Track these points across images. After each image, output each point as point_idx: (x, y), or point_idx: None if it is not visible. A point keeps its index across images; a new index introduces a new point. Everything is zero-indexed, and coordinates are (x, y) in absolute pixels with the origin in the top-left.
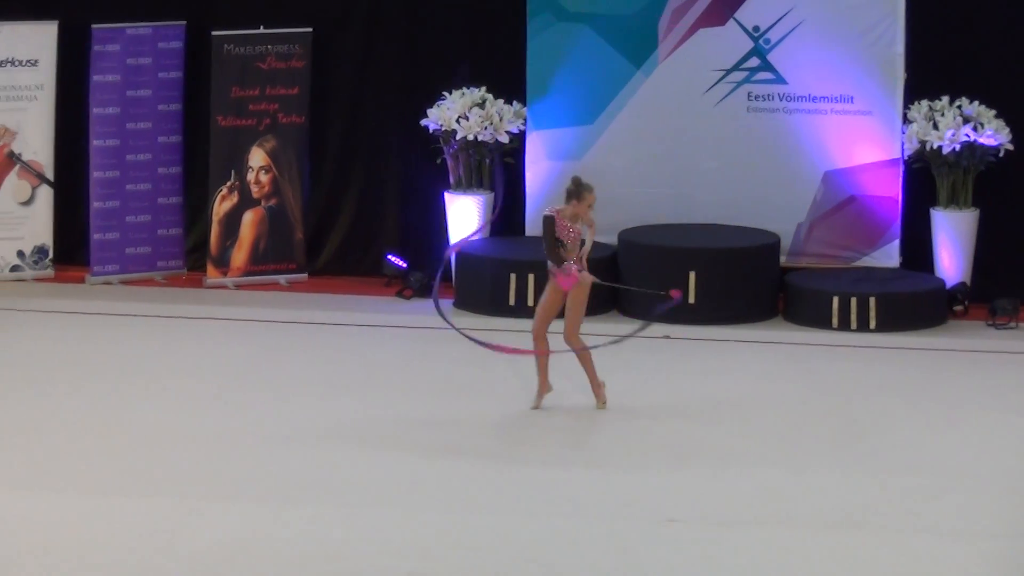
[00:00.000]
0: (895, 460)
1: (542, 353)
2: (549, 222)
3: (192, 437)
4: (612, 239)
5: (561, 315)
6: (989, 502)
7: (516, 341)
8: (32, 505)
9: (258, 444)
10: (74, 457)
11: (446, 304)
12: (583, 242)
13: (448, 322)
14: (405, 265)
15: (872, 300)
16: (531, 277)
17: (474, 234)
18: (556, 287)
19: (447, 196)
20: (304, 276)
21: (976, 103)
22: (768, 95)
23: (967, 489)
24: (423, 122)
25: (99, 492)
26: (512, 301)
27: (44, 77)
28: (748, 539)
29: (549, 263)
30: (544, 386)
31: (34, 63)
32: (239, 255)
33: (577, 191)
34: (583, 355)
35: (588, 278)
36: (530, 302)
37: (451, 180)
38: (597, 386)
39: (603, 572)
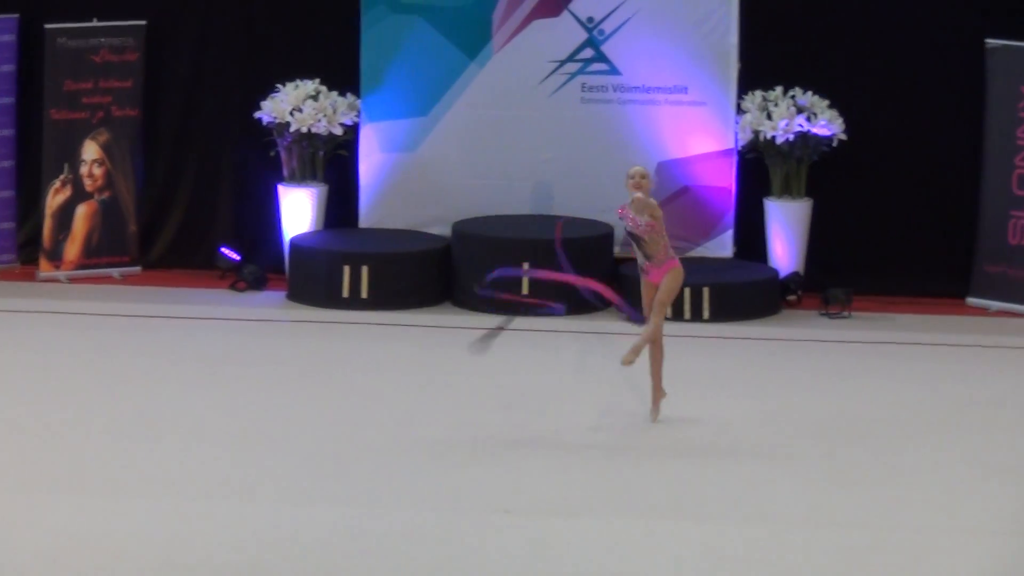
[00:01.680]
0: (732, 449)
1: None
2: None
3: (20, 430)
4: (446, 231)
5: None
6: (818, 490)
7: (352, 333)
8: None
9: (89, 438)
10: None
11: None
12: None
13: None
14: (239, 258)
15: (706, 290)
16: (364, 269)
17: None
18: (647, 284)
19: (280, 188)
20: (138, 269)
21: (810, 93)
22: (602, 86)
23: (807, 478)
24: (257, 115)
25: None
26: (346, 293)
27: None
28: (581, 529)
29: (639, 260)
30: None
31: None
32: (72, 248)
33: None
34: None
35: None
36: (363, 294)
37: (285, 173)
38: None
39: (440, 562)
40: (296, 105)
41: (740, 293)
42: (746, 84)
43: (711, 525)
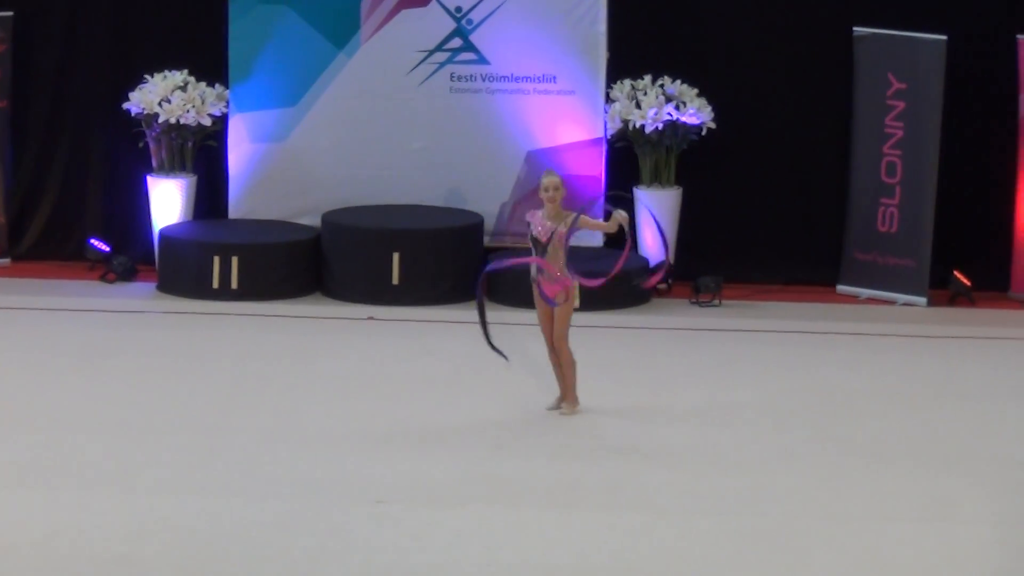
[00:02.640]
0: (604, 440)
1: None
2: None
3: None
4: (316, 221)
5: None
6: (694, 478)
7: (222, 324)
8: None
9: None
10: None
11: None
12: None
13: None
14: (108, 249)
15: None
16: (234, 260)
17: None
18: (538, 296)
19: (150, 180)
20: (7, 261)
21: (679, 82)
22: (471, 75)
23: (675, 465)
24: (125, 106)
25: None
26: (216, 284)
27: None
28: (454, 519)
29: (532, 271)
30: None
31: None
32: None
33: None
34: (566, 364)
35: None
36: (234, 285)
37: (154, 164)
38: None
39: (312, 552)
40: (164, 96)
41: (610, 282)
42: (615, 73)
43: (589, 514)
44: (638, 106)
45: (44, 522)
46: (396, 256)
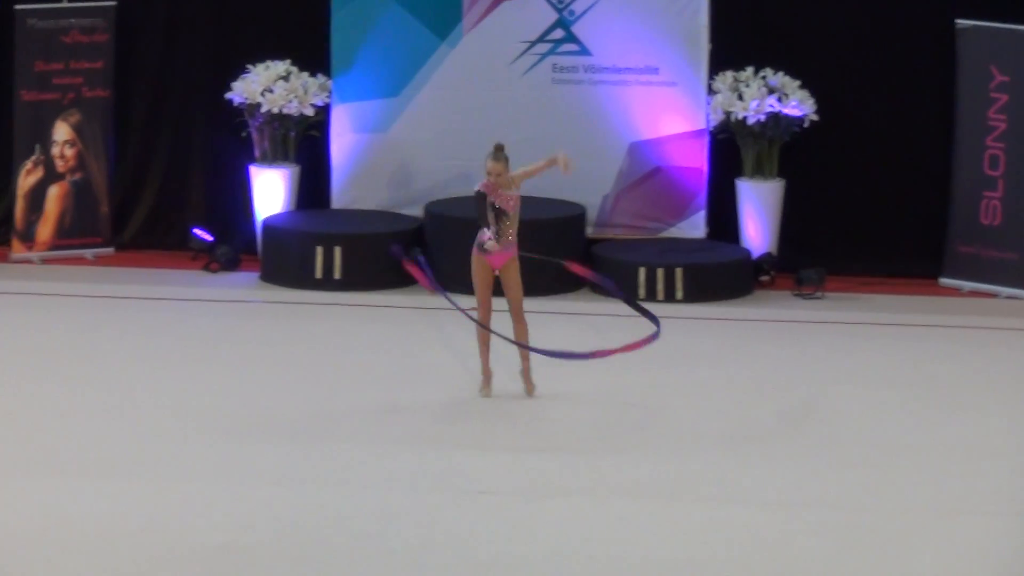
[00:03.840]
0: (706, 430)
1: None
2: (480, 196)
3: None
4: (418, 211)
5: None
6: (799, 472)
7: (324, 314)
8: None
9: (62, 419)
10: None
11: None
12: None
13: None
14: (211, 239)
15: (679, 271)
16: (337, 250)
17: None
18: (484, 264)
19: (252, 169)
20: (110, 250)
21: (781, 74)
22: (573, 66)
23: (779, 458)
24: (228, 95)
25: None
26: (319, 274)
27: None
28: (554, 510)
29: (478, 240)
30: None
31: None
32: (44, 229)
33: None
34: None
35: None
36: (336, 275)
37: (256, 153)
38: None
39: (413, 543)
40: (267, 86)
41: (713, 274)
42: (717, 65)
43: (691, 507)
44: (740, 98)
45: (146, 512)
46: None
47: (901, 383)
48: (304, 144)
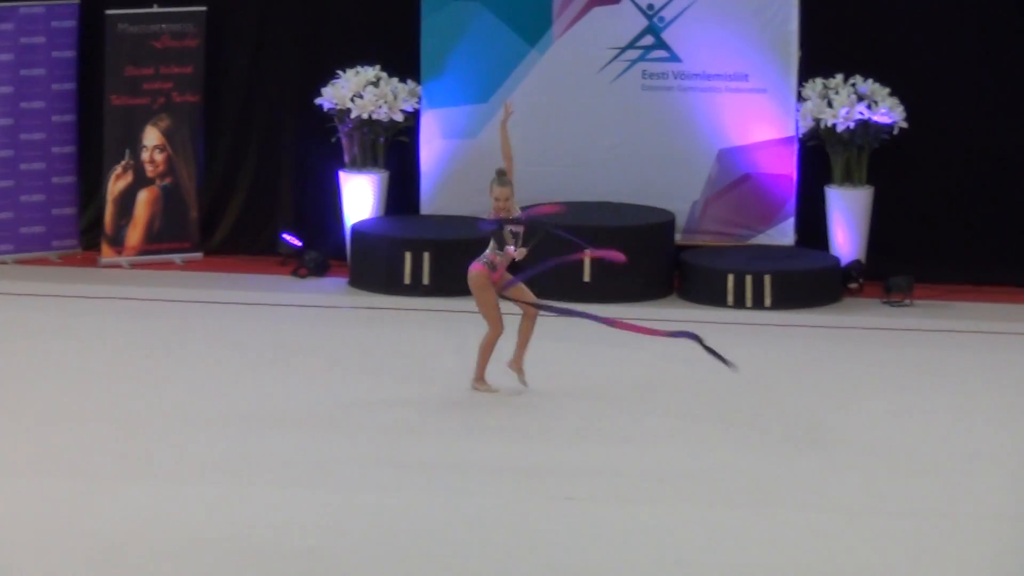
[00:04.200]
0: (796, 437)
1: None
2: (496, 231)
3: (90, 417)
4: None
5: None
6: (887, 479)
7: (413, 319)
8: None
9: (151, 423)
10: None
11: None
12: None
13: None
14: (300, 244)
15: (767, 278)
16: (426, 256)
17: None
18: (488, 285)
19: (342, 175)
20: (199, 255)
21: (870, 81)
22: (663, 73)
23: (867, 466)
24: (318, 101)
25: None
26: (407, 279)
27: None
28: (649, 516)
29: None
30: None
31: None
32: (134, 234)
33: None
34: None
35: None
36: (425, 280)
37: (346, 159)
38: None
39: (504, 548)
40: (357, 91)
41: (802, 281)
42: (807, 72)
43: (783, 512)
44: (830, 105)
45: (236, 517)
46: (588, 252)
47: (990, 391)
48: (393, 150)
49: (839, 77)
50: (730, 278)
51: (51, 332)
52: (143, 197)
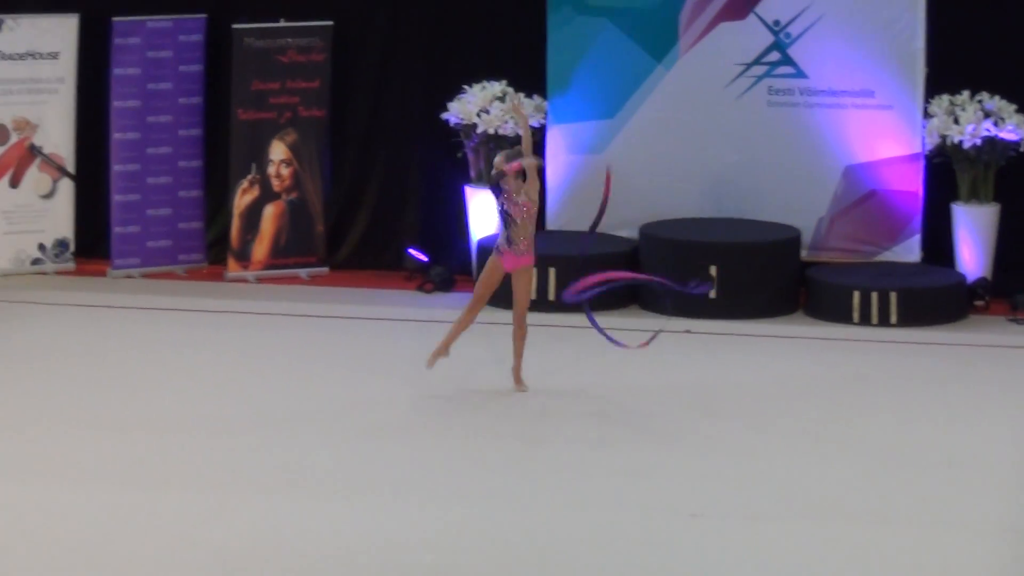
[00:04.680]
0: (918, 455)
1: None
2: (497, 172)
3: (215, 430)
4: (634, 233)
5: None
6: (1009, 497)
7: (537, 334)
8: (50, 498)
9: (273, 435)
10: (94, 450)
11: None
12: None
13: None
14: (426, 259)
15: (893, 295)
16: (551, 271)
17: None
18: (497, 266)
19: (468, 190)
20: (325, 270)
21: (997, 98)
22: (789, 89)
23: (991, 485)
24: (444, 116)
25: (120, 485)
26: (533, 295)
27: (65, 70)
28: (770, 533)
29: (500, 242)
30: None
31: (55, 56)
32: (260, 248)
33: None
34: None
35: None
36: (550, 296)
37: (472, 174)
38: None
39: (623, 566)
40: (483, 106)
41: (928, 298)
42: (933, 88)
43: (900, 530)
44: (956, 121)
45: (352, 532)
46: (713, 269)
47: None
48: None
49: (965, 94)
50: (856, 295)
51: (177, 345)
52: (269, 212)
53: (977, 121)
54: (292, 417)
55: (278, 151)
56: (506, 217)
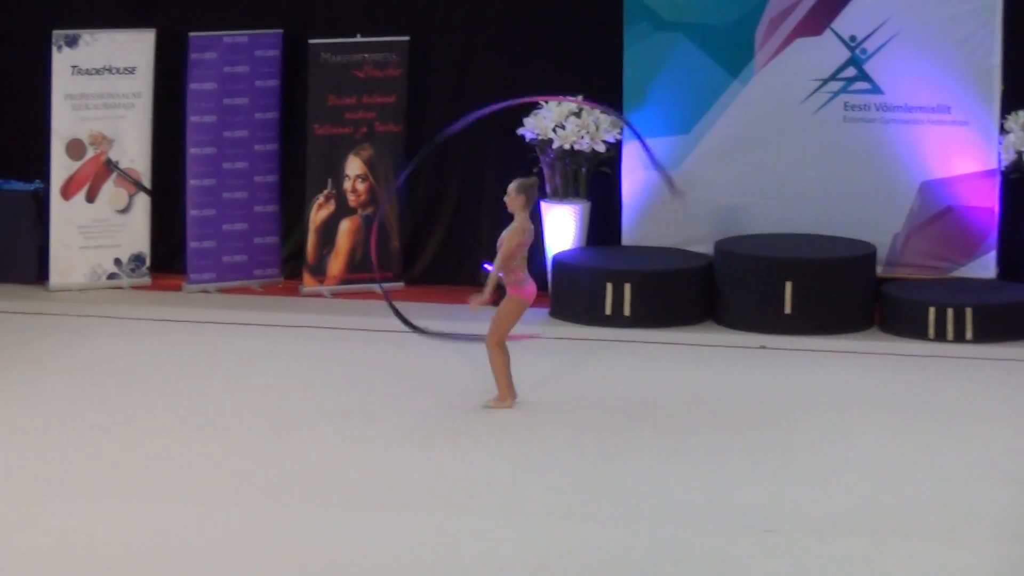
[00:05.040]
0: (998, 471)
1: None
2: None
3: (289, 444)
4: (709, 249)
5: None
6: None
7: (613, 351)
8: (128, 511)
9: (362, 449)
10: (170, 464)
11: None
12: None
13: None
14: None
15: (969, 311)
16: (627, 287)
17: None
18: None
19: (543, 205)
20: (401, 285)
21: None
22: (865, 105)
23: None
24: (520, 131)
25: (196, 499)
26: (608, 310)
27: (141, 85)
28: (846, 549)
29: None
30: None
31: (131, 71)
32: (336, 263)
33: None
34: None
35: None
36: (626, 311)
37: (547, 189)
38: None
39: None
40: (559, 122)
41: (1003, 314)
42: (1009, 104)
43: (978, 546)
44: None
45: (439, 547)
46: (789, 285)
47: None
48: (595, 180)
49: None
50: (931, 311)
51: (252, 360)
52: (345, 227)
53: None
54: (369, 430)
55: (354, 166)
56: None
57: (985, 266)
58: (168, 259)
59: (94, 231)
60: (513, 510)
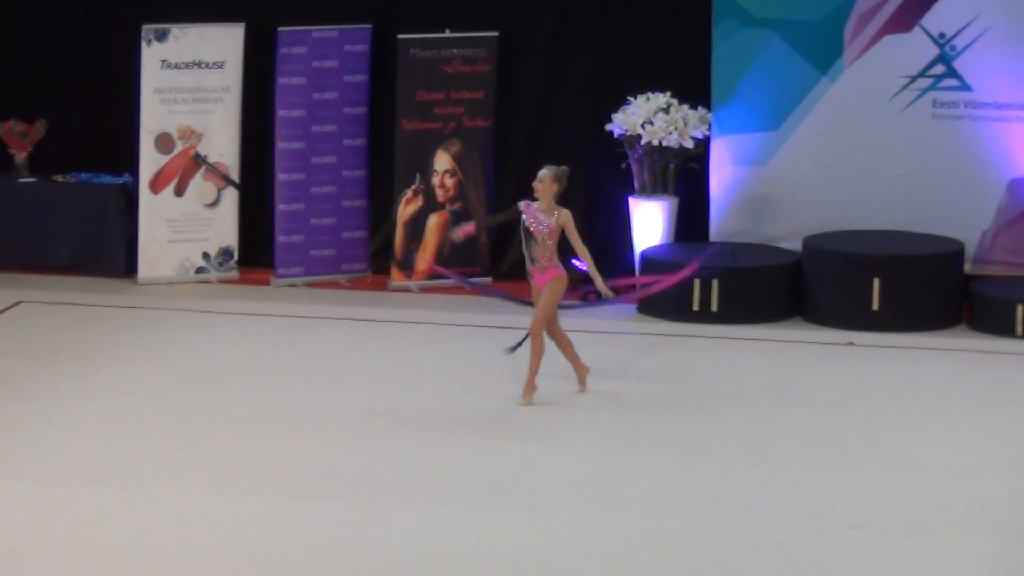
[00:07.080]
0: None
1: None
2: (514, 212)
3: (376, 440)
4: (796, 245)
5: None
6: None
7: (699, 345)
8: (216, 505)
9: (445, 446)
10: (256, 457)
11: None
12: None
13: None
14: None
15: None
16: (714, 283)
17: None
18: (534, 287)
19: (632, 201)
20: (489, 280)
21: None
22: (953, 102)
23: None
24: (608, 127)
25: (281, 493)
26: (696, 307)
27: (230, 79)
28: (929, 546)
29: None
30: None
31: (220, 65)
32: (423, 258)
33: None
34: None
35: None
36: (714, 307)
37: (636, 185)
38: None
39: None
40: (648, 118)
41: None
42: None
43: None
44: None
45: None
46: (876, 282)
47: None
48: (683, 176)
49: None
50: (1019, 308)
51: (341, 355)
52: (433, 221)
53: None
54: (456, 424)
55: (442, 161)
56: (527, 234)
57: None
58: (256, 253)
59: (182, 225)
60: (597, 505)
